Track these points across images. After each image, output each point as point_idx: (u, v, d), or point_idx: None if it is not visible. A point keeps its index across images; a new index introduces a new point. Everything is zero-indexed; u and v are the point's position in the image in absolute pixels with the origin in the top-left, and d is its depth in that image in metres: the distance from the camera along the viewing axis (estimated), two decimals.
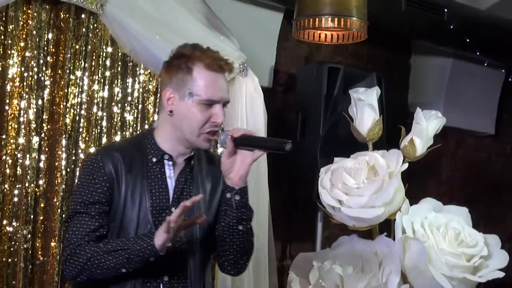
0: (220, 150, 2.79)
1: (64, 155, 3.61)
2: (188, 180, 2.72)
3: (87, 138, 3.68)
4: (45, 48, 3.58)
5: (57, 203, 3.58)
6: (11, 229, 3.47)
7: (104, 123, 3.74)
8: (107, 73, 3.75)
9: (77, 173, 3.65)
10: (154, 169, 2.69)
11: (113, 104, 3.77)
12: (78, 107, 3.67)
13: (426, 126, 4.06)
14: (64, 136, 3.62)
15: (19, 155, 3.50)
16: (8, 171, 3.47)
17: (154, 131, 2.76)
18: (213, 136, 2.69)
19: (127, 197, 2.62)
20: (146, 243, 2.49)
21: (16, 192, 3.49)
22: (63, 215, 3.59)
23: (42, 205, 3.56)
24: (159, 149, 2.70)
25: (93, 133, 3.70)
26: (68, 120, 3.63)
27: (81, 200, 2.60)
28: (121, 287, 2.62)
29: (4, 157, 3.46)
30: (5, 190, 3.46)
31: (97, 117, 3.73)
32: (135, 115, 3.83)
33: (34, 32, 3.54)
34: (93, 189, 2.60)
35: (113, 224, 2.63)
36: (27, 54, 3.53)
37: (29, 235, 3.51)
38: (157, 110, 3.89)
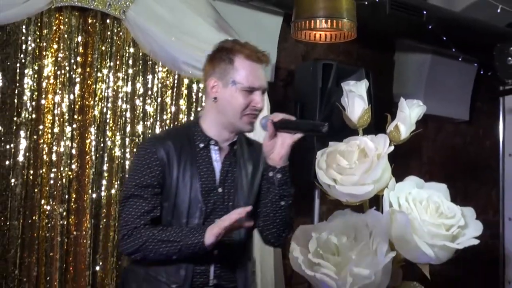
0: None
1: (93, 143, 3.62)
2: (232, 163, 2.69)
3: (113, 128, 3.69)
4: (75, 49, 3.59)
5: (88, 185, 3.59)
6: (48, 207, 3.49)
7: (128, 114, 3.75)
8: (130, 71, 3.76)
9: (105, 158, 3.67)
10: (202, 154, 2.66)
11: (136, 97, 3.78)
12: (105, 100, 3.68)
13: (409, 113, 4.06)
14: (93, 126, 3.63)
15: (54, 143, 3.52)
16: (45, 157, 3.48)
17: (200, 120, 2.73)
18: (254, 119, 2.66)
19: (179, 180, 2.60)
20: (197, 239, 2.47)
21: (52, 175, 3.50)
22: (94, 195, 3.61)
23: (75, 186, 3.57)
24: (205, 136, 2.67)
25: (118, 123, 3.71)
26: (96, 112, 3.64)
27: (135, 184, 2.59)
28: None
29: (41, 145, 3.47)
30: (42, 173, 3.47)
31: (122, 109, 3.74)
32: (155, 107, 3.83)
33: (66, 36, 3.55)
34: (146, 173, 2.58)
35: (167, 204, 2.61)
36: (60, 55, 3.54)
37: (64, 213, 3.53)
38: (174, 102, 3.90)
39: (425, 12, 4.80)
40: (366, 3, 4.26)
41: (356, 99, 4.28)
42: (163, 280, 2.59)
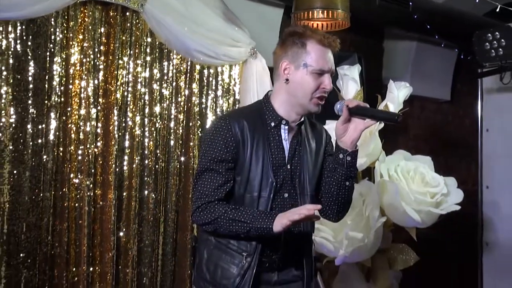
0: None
1: (116, 123, 3.61)
2: (299, 142, 2.63)
3: (133, 109, 3.68)
4: (99, 39, 3.58)
5: (112, 160, 3.59)
6: (77, 180, 3.49)
7: (146, 97, 3.74)
8: (148, 58, 3.74)
9: (126, 136, 3.67)
10: (273, 132, 2.59)
11: (153, 82, 3.77)
12: (126, 85, 3.67)
13: (397, 94, 4.06)
14: (115, 108, 3.62)
15: (81, 123, 3.51)
16: (73, 136, 3.48)
17: (271, 98, 2.66)
18: (322, 101, 2.60)
19: (252, 156, 2.53)
20: (265, 225, 2.42)
21: (79, 152, 3.50)
22: (117, 169, 3.61)
23: (100, 161, 3.58)
24: (277, 115, 2.60)
25: (138, 105, 3.70)
26: (118, 95, 3.64)
27: (211, 158, 2.51)
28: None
29: (69, 125, 3.47)
30: (71, 150, 3.47)
31: (141, 93, 3.73)
32: (170, 90, 3.83)
33: (90, 27, 3.54)
34: (221, 148, 2.51)
35: (239, 178, 2.54)
36: (85, 44, 3.52)
37: (91, 185, 3.53)
38: (187, 86, 3.89)
39: (411, 3, 4.79)
40: None
41: (350, 82, 4.29)
42: (234, 248, 2.55)
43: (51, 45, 3.43)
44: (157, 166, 3.76)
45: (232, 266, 2.53)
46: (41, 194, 3.39)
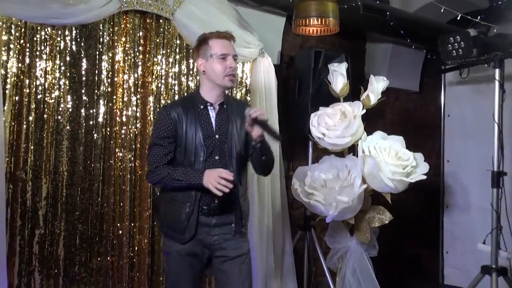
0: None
1: (151, 108, 3.61)
2: (224, 117, 2.82)
3: (165, 97, 3.67)
4: (138, 41, 3.57)
5: (148, 138, 3.58)
6: (120, 154, 3.50)
7: (176, 88, 3.73)
8: (177, 57, 3.73)
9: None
10: (203, 112, 2.80)
11: (181, 75, 3.76)
12: (159, 78, 3.66)
13: (376, 86, 4.03)
14: (151, 96, 3.62)
15: (123, 108, 3.51)
16: (117, 118, 3.49)
17: (199, 89, 2.87)
18: (233, 77, 2.80)
19: (187, 131, 2.74)
20: (197, 181, 2.65)
21: (123, 131, 3.50)
22: None
23: (139, 139, 3.57)
24: (204, 100, 2.82)
25: (169, 94, 3.69)
26: (153, 86, 3.63)
27: (156, 136, 2.77)
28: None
29: (115, 110, 3.48)
30: (116, 130, 3.48)
31: (172, 84, 3.72)
32: (195, 82, 3.81)
33: (131, 31, 3.53)
34: (163, 129, 2.75)
35: (179, 148, 2.75)
36: (127, 45, 3.52)
37: (132, 158, 3.54)
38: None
39: (388, 13, 4.76)
40: (346, 6, 4.21)
41: (338, 76, 4.27)
42: (180, 200, 2.75)
43: (100, 46, 3.43)
44: None
45: (179, 213, 2.75)
46: (92, 165, 3.40)
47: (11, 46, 3.10)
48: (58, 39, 3.26)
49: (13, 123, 3.11)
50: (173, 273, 2.84)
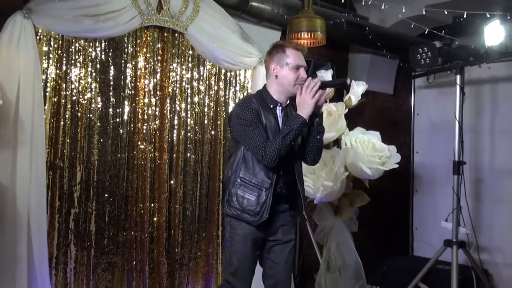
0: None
1: (168, 108, 3.60)
2: (286, 115, 2.64)
3: (180, 99, 3.66)
4: (157, 52, 3.56)
5: (165, 132, 3.59)
6: (142, 146, 3.50)
7: (188, 91, 3.72)
8: (190, 65, 3.72)
9: (175, 117, 3.66)
10: (272, 110, 2.61)
11: (193, 80, 3.75)
12: (175, 83, 3.65)
13: (357, 89, 4.02)
14: (168, 98, 3.61)
15: (145, 108, 3.50)
16: (139, 116, 3.48)
17: (268, 89, 2.66)
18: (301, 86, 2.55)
19: (265, 124, 2.55)
20: (298, 121, 2.46)
21: (144, 127, 3.50)
22: (169, 139, 3.61)
23: (158, 133, 3.57)
24: (273, 99, 2.63)
25: (183, 96, 3.68)
26: (170, 89, 3.62)
27: (246, 121, 2.52)
28: (269, 169, 2.53)
29: (137, 109, 3.47)
30: (138, 126, 3.47)
31: (185, 88, 3.70)
32: (205, 86, 3.80)
33: (151, 43, 3.52)
34: (250, 113, 2.53)
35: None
36: (147, 55, 3.51)
37: (152, 149, 3.54)
38: (216, 83, 3.86)
39: (367, 28, 4.75)
40: (332, 22, 4.20)
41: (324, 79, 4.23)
42: (256, 184, 2.53)
43: (125, 55, 3.42)
44: (195, 137, 3.75)
45: (253, 197, 2.52)
46: (119, 155, 3.40)
47: (50, 55, 3.10)
48: (90, 49, 3.26)
49: (52, 120, 3.11)
50: (238, 255, 2.58)
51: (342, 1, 4.62)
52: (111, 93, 3.36)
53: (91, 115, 3.27)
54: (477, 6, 4.41)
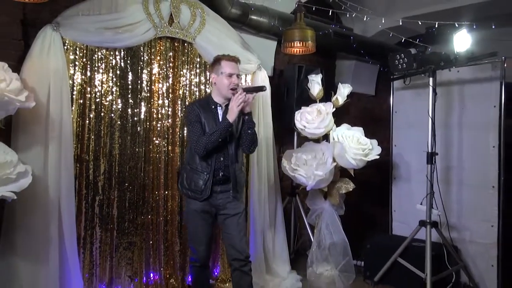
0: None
1: (179, 108, 3.60)
2: (225, 113, 2.80)
3: (189, 100, 3.66)
4: (169, 59, 3.55)
5: (177, 130, 3.59)
6: (157, 141, 3.50)
7: (197, 93, 3.71)
8: (197, 70, 3.71)
9: (186, 112, 3.66)
10: (213, 110, 2.85)
11: (201, 84, 3.74)
12: (185, 86, 3.65)
13: (343, 91, 4.00)
14: (179, 99, 3.61)
15: (159, 108, 3.50)
16: (154, 115, 3.48)
17: (211, 94, 2.92)
18: (234, 90, 2.79)
19: (204, 121, 2.80)
20: (226, 122, 2.72)
21: (158, 125, 3.50)
22: (180, 135, 3.61)
23: (170, 130, 3.57)
24: (214, 102, 2.87)
25: (192, 97, 3.68)
26: (180, 92, 3.62)
27: (191, 120, 2.80)
28: (209, 158, 2.80)
29: (152, 109, 3.47)
30: (153, 124, 3.47)
31: (194, 91, 3.70)
32: (210, 89, 3.78)
33: (163, 52, 3.51)
34: (194, 115, 2.80)
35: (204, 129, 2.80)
36: (161, 62, 3.50)
37: (165, 144, 3.54)
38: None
39: (352, 37, 4.73)
40: (321, 33, 4.19)
41: (315, 84, 4.25)
42: (199, 169, 2.80)
43: (141, 63, 3.41)
44: None
45: (199, 179, 2.79)
46: (137, 149, 3.40)
47: (76, 63, 3.10)
48: (111, 57, 3.26)
49: (78, 119, 3.11)
50: (192, 225, 2.87)
51: (330, 14, 4.60)
52: (129, 96, 3.36)
53: (112, 115, 3.27)
54: (447, 18, 4.41)
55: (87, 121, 3.15)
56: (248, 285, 2.81)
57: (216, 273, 3.84)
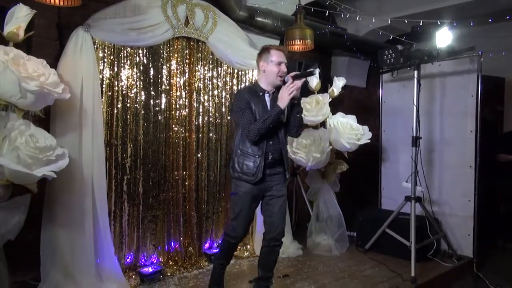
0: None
1: (195, 99, 3.59)
2: (274, 100, 2.62)
3: (203, 92, 3.65)
4: (185, 56, 3.53)
5: (193, 118, 3.58)
6: (176, 128, 3.49)
7: (210, 86, 3.70)
8: (210, 66, 3.69)
9: (200, 106, 3.65)
10: (261, 97, 2.64)
11: (213, 78, 3.72)
12: (199, 80, 3.63)
13: (338, 84, 3.97)
14: (194, 92, 3.59)
15: (177, 99, 3.49)
16: (173, 105, 3.46)
17: (259, 82, 2.69)
18: (282, 78, 2.62)
19: (254, 108, 2.58)
20: (276, 110, 2.51)
21: (177, 113, 3.49)
22: (196, 123, 3.60)
23: (187, 118, 3.56)
24: (262, 89, 2.66)
25: (206, 90, 3.67)
26: (196, 85, 3.60)
27: (240, 107, 2.57)
28: (260, 142, 2.58)
29: (171, 100, 3.46)
30: (172, 113, 3.47)
31: (207, 84, 3.68)
32: (222, 83, 3.78)
33: (181, 50, 3.49)
34: (243, 102, 2.58)
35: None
36: (178, 59, 3.48)
37: (183, 130, 3.53)
38: (230, 80, 3.83)
39: (346, 36, 4.68)
40: (318, 32, 4.15)
41: (314, 78, 4.21)
42: (251, 153, 2.58)
43: (161, 59, 3.40)
44: (216, 121, 3.75)
45: (251, 163, 2.58)
46: (158, 135, 3.40)
47: (105, 60, 3.09)
48: (135, 55, 3.24)
49: (108, 109, 3.12)
50: (239, 206, 2.66)
51: (326, 15, 4.55)
52: (151, 88, 3.35)
53: (137, 105, 3.27)
54: (431, 17, 4.35)
55: (115, 111, 3.15)
56: (274, 261, 2.76)
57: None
